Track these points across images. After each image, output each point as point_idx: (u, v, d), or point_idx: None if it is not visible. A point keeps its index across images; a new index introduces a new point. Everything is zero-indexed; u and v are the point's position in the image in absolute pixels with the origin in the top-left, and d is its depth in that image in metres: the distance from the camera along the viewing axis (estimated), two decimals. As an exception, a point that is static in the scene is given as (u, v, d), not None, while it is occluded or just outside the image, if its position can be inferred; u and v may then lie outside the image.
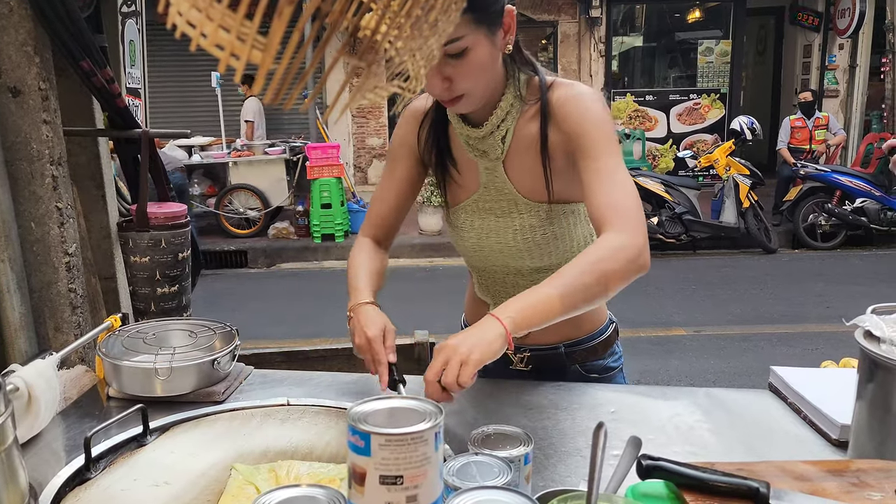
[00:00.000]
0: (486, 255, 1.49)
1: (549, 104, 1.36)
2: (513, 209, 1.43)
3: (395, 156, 1.54)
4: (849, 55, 10.95)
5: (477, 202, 1.47)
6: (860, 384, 1.11)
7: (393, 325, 1.33)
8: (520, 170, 1.41)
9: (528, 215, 1.42)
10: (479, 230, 1.47)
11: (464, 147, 1.44)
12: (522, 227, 1.43)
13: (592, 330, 1.57)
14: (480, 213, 1.47)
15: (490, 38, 1.25)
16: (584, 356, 1.56)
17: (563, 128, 1.34)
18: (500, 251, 1.47)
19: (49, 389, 1.26)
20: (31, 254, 1.64)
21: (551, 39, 11.45)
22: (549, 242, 1.43)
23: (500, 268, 1.50)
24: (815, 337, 5.37)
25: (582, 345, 1.56)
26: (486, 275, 1.54)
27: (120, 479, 1.12)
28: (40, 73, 1.62)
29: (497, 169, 1.42)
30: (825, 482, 0.89)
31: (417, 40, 0.57)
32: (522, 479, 0.97)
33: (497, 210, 1.45)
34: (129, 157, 1.99)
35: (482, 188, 1.45)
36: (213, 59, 0.47)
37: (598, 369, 1.58)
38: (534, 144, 1.38)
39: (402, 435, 0.69)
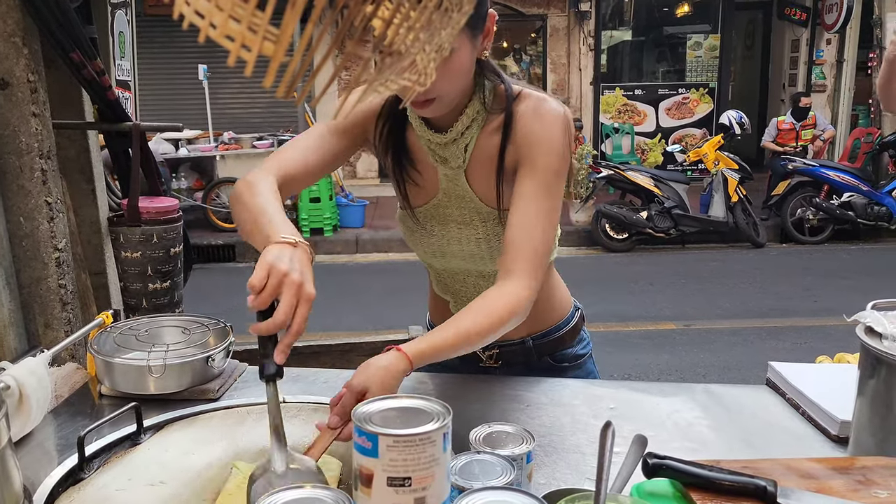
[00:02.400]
0: (448, 260, 1.47)
1: (514, 116, 1.31)
2: (475, 217, 1.39)
3: (336, 129, 1.40)
4: (836, 50, 11.00)
5: (437, 207, 1.42)
6: (861, 380, 1.11)
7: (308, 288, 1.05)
8: (481, 180, 1.36)
9: (492, 223, 1.38)
10: (439, 236, 1.44)
11: (426, 152, 1.39)
12: (487, 235, 1.39)
13: (559, 320, 1.55)
14: (441, 218, 1.43)
15: (472, 42, 1.22)
16: (552, 346, 1.54)
17: (517, 140, 1.30)
18: (461, 257, 1.44)
19: (41, 388, 1.24)
20: (20, 249, 1.61)
21: (540, 33, 11.43)
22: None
23: (461, 271, 1.48)
24: (803, 331, 5.40)
25: (549, 336, 1.54)
26: (446, 275, 1.52)
27: (115, 479, 1.10)
28: (29, 64, 1.59)
29: (458, 178, 1.37)
30: (831, 480, 0.89)
31: (428, 32, 0.55)
32: (525, 477, 0.96)
33: (458, 217, 1.41)
34: (119, 150, 1.96)
35: (441, 194, 1.41)
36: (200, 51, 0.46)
37: (569, 358, 1.57)
38: (495, 154, 1.33)
39: (411, 436, 0.67)
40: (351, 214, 8.80)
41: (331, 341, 2.07)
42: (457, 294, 1.52)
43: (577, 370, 1.58)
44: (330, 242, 8.33)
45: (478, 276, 1.47)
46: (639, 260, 7.71)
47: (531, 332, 1.52)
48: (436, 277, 1.56)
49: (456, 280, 1.51)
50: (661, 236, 7.93)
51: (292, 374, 1.51)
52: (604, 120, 11.25)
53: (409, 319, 2.62)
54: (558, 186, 1.29)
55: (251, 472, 0.98)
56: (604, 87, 11.33)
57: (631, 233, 7.95)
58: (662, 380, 4.58)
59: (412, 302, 6.03)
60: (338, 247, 8.29)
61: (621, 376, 4.59)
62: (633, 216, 7.87)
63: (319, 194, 8.30)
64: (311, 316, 1.05)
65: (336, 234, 8.51)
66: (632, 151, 10.89)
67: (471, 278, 1.48)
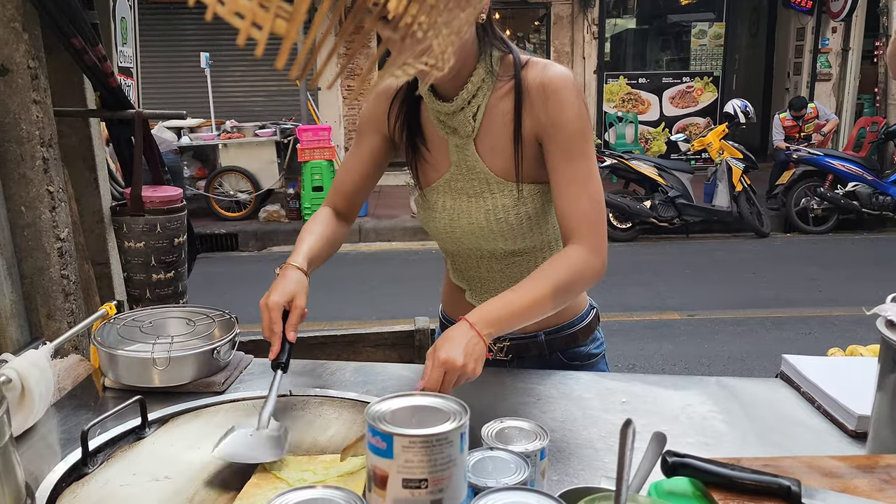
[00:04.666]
0: (459, 238, 1.44)
1: (523, 83, 1.32)
2: (485, 189, 1.39)
3: (363, 131, 1.50)
4: (842, 38, 10.92)
5: (449, 182, 1.42)
6: (881, 375, 1.08)
7: (303, 303, 1.29)
8: (491, 148, 1.37)
9: (501, 195, 1.37)
10: (450, 211, 1.42)
11: (435, 124, 1.40)
12: (495, 207, 1.38)
13: (573, 317, 1.53)
14: (452, 193, 1.42)
15: None
16: (564, 343, 1.53)
17: (538, 113, 1.31)
18: (471, 233, 1.42)
19: (43, 380, 1.22)
20: (21, 239, 1.58)
21: (544, 21, 11.36)
22: (523, 223, 1.38)
23: (473, 251, 1.46)
24: (808, 321, 5.38)
25: (562, 332, 1.52)
26: (460, 259, 1.51)
27: (119, 474, 1.08)
28: (29, 50, 1.56)
29: (468, 147, 1.37)
30: (855, 479, 0.86)
31: (447, 14, 0.52)
32: (538, 474, 0.94)
33: (469, 190, 1.40)
34: (122, 138, 1.93)
35: (453, 167, 1.40)
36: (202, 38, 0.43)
37: (581, 356, 1.55)
38: (506, 123, 1.35)
39: (427, 436, 0.65)
40: (354, 203, 8.75)
41: (336, 331, 2.05)
42: (472, 281, 1.51)
43: (589, 369, 1.56)
44: (332, 231, 8.29)
45: (490, 257, 1.45)
46: (642, 250, 7.67)
47: (544, 327, 1.50)
48: (452, 263, 1.55)
49: (470, 264, 1.49)
50: (664, 226, 7.89)
51: (298, 367, 1.49)
52: (607, 109, 11.20)
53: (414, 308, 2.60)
54: (588, 147, 1.31)
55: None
56: (607, 76, 11.26)
57: (634, 222, 7.91)
58: (667, 370, 4.56)
59: (416, 291, 6.03)
60: (340, 236, 8.25)
61: (626, 367, 4.58)
62: (636, 206, 7.83)
63: (322, 182, 8.27)
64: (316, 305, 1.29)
65: (338, 222, 8.47)
66: (635, 140, 10.84)
67: (484, 261, 1.46)
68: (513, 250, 1.43)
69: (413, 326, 2.04)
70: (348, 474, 1.09)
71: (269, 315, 1.26)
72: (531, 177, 1.37)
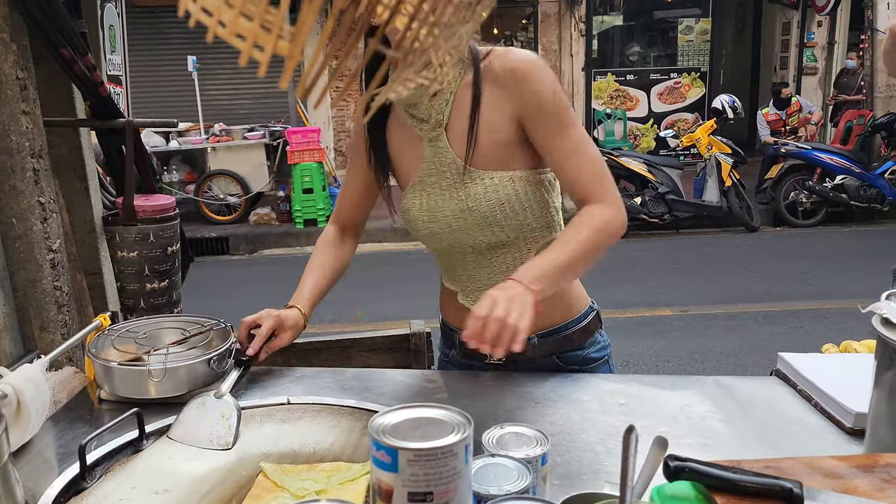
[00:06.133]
0: (439, 235, 1.44)
1: (492, 71, 1.35)
2: (457, 180, 1.38)
3: (355, 149, 1.54)
4: (827, 32, 10.98)
5: (422, 179, 1.42)
6: (878, 372, 1.09)
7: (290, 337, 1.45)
8: (461, 136, 1.37)
9: (472, 184, 1.37)
10: (426, 210, 1.42)
11: (405, 120, 1.40)
12: (467, 196, 1.38)
13: (566, 319, 1.50)
14: (426, 189, 1.42)
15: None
16: (557, 346, 1.50)
17: (514, 99, 1.33)
18: (448, 226, 1.41)
19: (39, 395, 1.21)
20: (13, 251, 1.57)
21: (531, 19, 11.37)
22: (496, 211, 1.37)
23: (455, 247, 1.45)
24: (799, 314, 5.41)
25: (555, 334, 1.49)
26: (447, 259, 1.50)
27: (117, 488, 1.07)
28: (18, 61, 1.55)
29: (440, 138, 1.38)
30: (856, 479, 0.87)
31: (447, 30, 0.52)
32: (540, 479, 0.94)
33: (441, 184, 1.40)
34: (112, 147, 1.92)
35: (425, 163, 1.41)
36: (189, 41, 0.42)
37: (577, 360, 1.52)
38: (468, 109, 1.36)
39: (432, 450, 0.64)
40: (344, 205, 8.73)
41: (331, 337, 2.04)
42: (461, 281, 1.50)
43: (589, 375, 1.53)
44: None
45: (473, 251, 1.44)
46: (633, 246, 7.69)
47: (537, 329, 1.47)
48: (441, 265, 1.55)
49: (455, 262, 1.49)
50: (655, 222, 7.91)
51: (295, 375, 1.49)
52: (596, 106, 11.22)
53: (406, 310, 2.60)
54: (572, 114, 1.36)
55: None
56: (595, 73, 11.28)
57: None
58: (661, 366, 4.57)
59: (409, 293, 6.02)
60: (331, 238, 8.23)
61: (620, 364, 4.59)
62: (626, 202, 7.76)
63: (312, 185, 8.25)
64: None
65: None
66: (624, 137, 10.86)
67: (468, 257, 1.46)
68: (493, 243, 1.42)
69: (408, 330, 2.03)
70: (349, 481, 1.08)
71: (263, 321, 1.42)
72: (500, 164, 1.37)
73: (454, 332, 1.56)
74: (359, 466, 1.11)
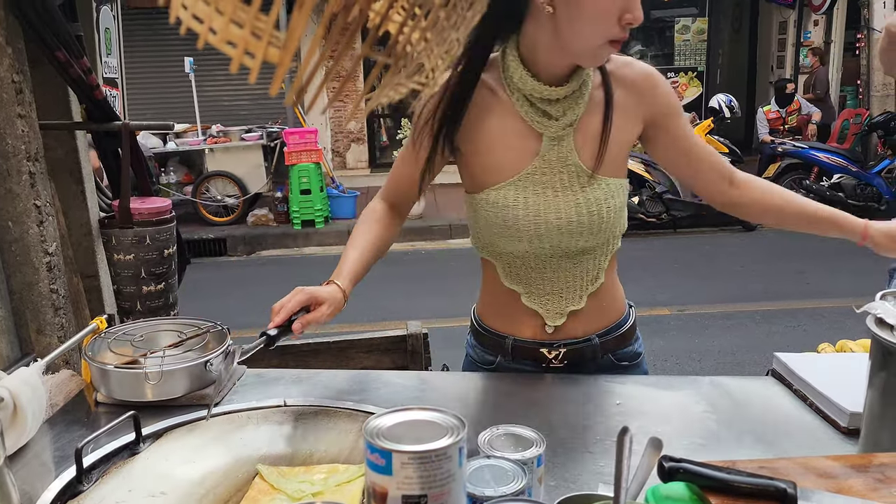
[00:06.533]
0: (541, 235, 1.36)
1: (625, 75, 1.38)
2: (574, 182, 1.35)
3: (422, 125, 1.40)
4: (823, 31, 11.00)
5: (531, 175, 1.35)
6: (872, 372, 1.09)
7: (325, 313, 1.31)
8: (585, 139, 1.35)
9: (591, 189, 1.35)
10: (534, 207, 1.35)
11: (524, 114, 1.34)
12: (587, 200, 1.35)
13: (619, 317, 1.51)
14: (535, 186, 1.35)
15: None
16: (615, 344, 1.50)
17: (649, 103, 1.39)
18: (558, 228, 1.36)
19: (35, 398, 1.21)
20: (9, 254, 1.57)
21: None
22: (611, 217, 1.37)
23: (546, 249, 1.39)
24: (796, 313, 5.42)
25: (613, 333, 1.49)
26: (522, 260, 1.42)
27: (114, 491, 1.07)
28: (13, 64, 1.55)
29: (567, 138, 1.34)
30: (850, 479, 0.87)
31: (438, 35, 0.52)
32: (535, 480, 0.94)
33: (556, 184, 1.35)
34: (108, 150, 1.92)
35: (539, 160, 1.35)
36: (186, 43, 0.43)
37: (629, 356, 1.53)
38: (599, 112, 1.36)
39: (426, 452, 0.65)
40: (342, 205, 8.75)
41: (328, 338, 2.04)
42: (531, 283, 1.43)
43: (636, 369, 1.54)
44: (321, 234, 8.28)
45: (562, 255, 1.40)
46: (631, 245, 7.63)
47: (597, 329, 1.47)
48: (506, 267, 1.45)
49: (534, 264, 1.42)
50: (652, 221, 7.92)
51: (292, 376, 1.49)
52: (593, 105, 11.20)
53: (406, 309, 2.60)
54: None
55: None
56: (592, 73, 11.26)
57: (623, 219, 7.94)
58: (658, 366, 4.58)
59: (407, 292, 6.02)
60: (330, 238, 8.24)
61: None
62: (624, 202, 7.85)
63: (310, 186, 8.25)
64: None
65: (328, 225, 8.46)
66: (622, 137, 10.85)
67: (554, 260, 1.41)
68: (585, 247, 1.40)
69: (405, 331, 2.04)
70: (346, 483, 1.09)
71: (293, 296, 1.30)
72: (617, 171, 1.39)
73: (503, 338, 1.49)
74: (355, 468, 1.11)
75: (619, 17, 1.22)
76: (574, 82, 1.32)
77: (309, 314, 1.30)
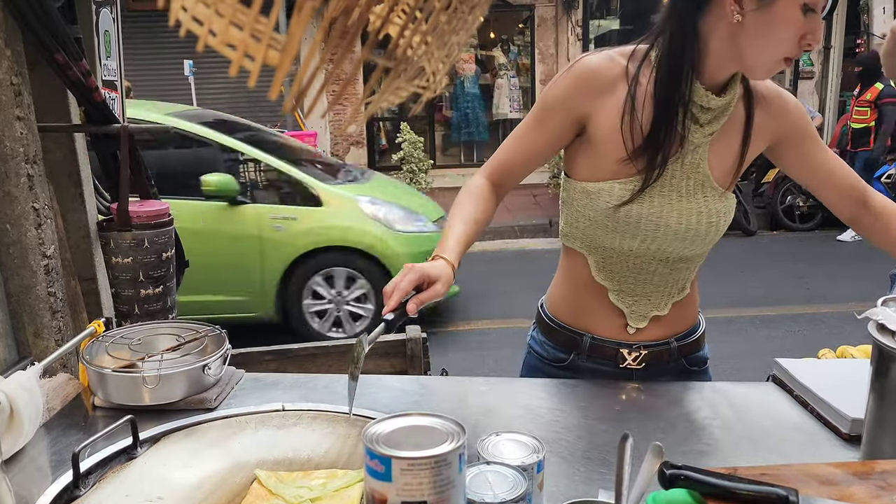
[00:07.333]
0: (658, 236, 1.36)
1: (760, 91, 1.39)
2: (697, 190, 1.36)
3: (552, 108, 1.38)
4: (823, 36, 11.01)
5: (663, 177, 1.34)
6: (874, 378, 1.09)
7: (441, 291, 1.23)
8: (717, 149, 1.36)
9: (713, 199, 1.37)
10: (658, 208, 1.34)
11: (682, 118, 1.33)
12: (709, 210, 1.36)
13: (695, 321, 1.54)
14: (663, 188, 1.35)
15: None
16: (690, 348, 1.51)
17: (778, 121, 1.40)
18: (675, 233, 1.36)
19: (32, 402, 1.20)
20: (7, 257, 1.56)
21: (528, 23, 11.39)
22: (722, 229, 1.40)
23: (653, 251, 1.38)
24: (796, 318, 5.42)
25: (689, 337, 1.51)
26: (623, 257, 1.40)
27: (111, 496, 1.07)
28: (12, 66, 1.54)
29: (703, 145, 1.35)
30: (852, 486, 0.86)
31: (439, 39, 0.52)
32: (536, 487, 0.93)
33: (682, 189, 1.35)
34: (107, 153, 1.91)
35: (674, 162, 1.35)
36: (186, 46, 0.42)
37: (699, 361, 1.54)
38: (737, 127, 1.37)
39: (426, 459, 0.64)
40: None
41: (328, 342, 2.04)
42: (623, 282, 1.42)
43: (703, 374, 1.55)
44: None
45: (664, 260, 1.40)
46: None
47: (675, 333, 1.49)
48: (600, 261, 1.42)
49: (631, 265, 1.41)
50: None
51: (290, 380, 1.48)
52: (593, 110, 11.20)
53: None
54: None
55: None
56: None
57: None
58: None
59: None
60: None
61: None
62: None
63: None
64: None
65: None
66: (621, 141, 10.85)
67: (653, 263, 1.40)
68: (686, 256, 1.40)
69: (405, 336, 2.03)
70: (344, 488, 1.08)
71: (404, 276, 1.22)
72: (732, 185, 1.41)
73: (580, 335, 1.47)
74: (353, 473, 1.11)
75: (802, 37, 1.22)
76: (731, 93, 1.32)
77: (423, 293, 1.22)
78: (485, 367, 4.73)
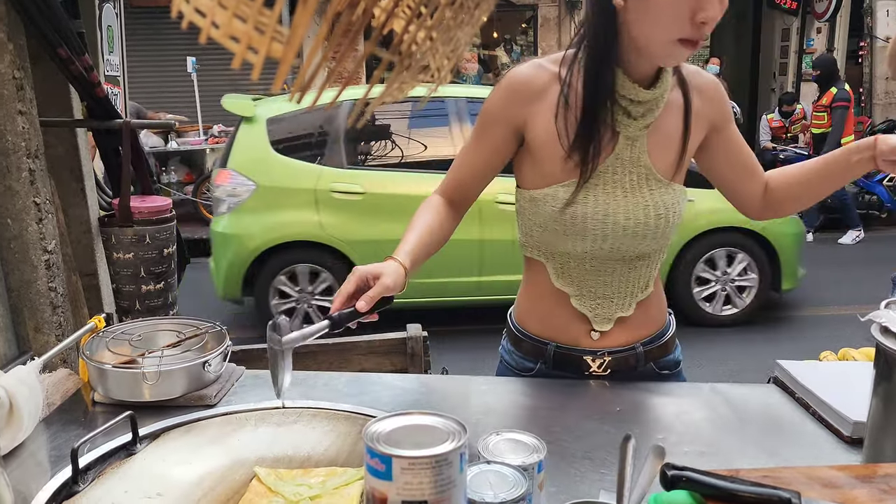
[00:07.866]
0: (606, 235, 1.34)
1: (697, 81, 1.39)
2: (642, 184, 1.35)
3: (490, 122, 1.39)
4: (826, 39, 11.00)
5: (604, 174, 1.33)
6: (876, 381, 1.08)
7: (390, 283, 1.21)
8: (657, 141, 1.35)
9: (659, 192, 1.35)
10: (604, 206, 1.33)
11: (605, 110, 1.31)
12: (655, 204, 1.34)
13: (662, 326, 1.50)
14: (606, 186, 1.34)
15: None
16: (659, 353, 1.49)
17: (713, 111, 1.41)
18: (625, 229, 1.34)
19: (32, 397, 1.20)
20: (8, 251, 1.56)
21: (531, 23, 11.38)
22: (675, 223, 1.38)
23: (605, 252, 1.37)
24: (797, 320, 5.41)
25: (656, 341, 1.48)
26: (578, 262, 1.39)
27: (110, 492, 1.06)
28: (14, 60, 1.54)
29: (640, 138, 1.33)
30: (855, 489, 0.86)
31: (444, 34, 0.51)
32: (536, 487, 0.93)
33: (626, 184, 1.34)
34: (109, 148, 1.91)
35: (612, 158, 1.33)
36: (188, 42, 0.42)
37: (670, 365, 1.52)
38: (674, 117, 1.36)
39: (427, 458, 0.64)
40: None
41: (328, 340, 2.03)
42: (583, 285, 1.41)
43: (675, 377, 1.53)
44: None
45: (620, 258, 1.38)
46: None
47: (641, 337, 1.46)
48: (558, 267, 1.42)
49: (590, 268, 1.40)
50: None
51: (292, 378, 1.47)
52: (595, 110, 11.20)
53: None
54: None
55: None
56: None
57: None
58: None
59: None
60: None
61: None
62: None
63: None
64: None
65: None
66: (623, 142, 10.85)
67: (611, 264, 1.39)
68: (643, 252, 1.39)
69: (405, 334, 2.03)
70: (344, 486, 1.08)
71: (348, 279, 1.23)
72: (680, 176, 1.40)
73: (545, 344, 1.46)
74: (353, 471, 1.10)
75: (692, 15, 1.17)
76: (661, 86, 1.31)
77: (371, 290, 1.21)
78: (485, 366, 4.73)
